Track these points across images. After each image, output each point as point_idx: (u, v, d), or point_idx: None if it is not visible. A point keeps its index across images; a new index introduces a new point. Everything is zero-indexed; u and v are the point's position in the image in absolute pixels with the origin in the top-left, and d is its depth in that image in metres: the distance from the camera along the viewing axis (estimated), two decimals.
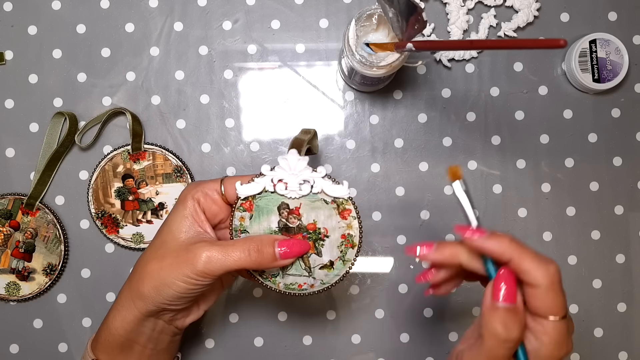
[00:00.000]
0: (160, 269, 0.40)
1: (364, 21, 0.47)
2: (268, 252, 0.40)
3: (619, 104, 0.57)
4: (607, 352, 0.57)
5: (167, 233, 0.42)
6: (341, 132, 0.57)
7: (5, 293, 0.56)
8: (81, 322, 0.57)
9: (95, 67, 0.57)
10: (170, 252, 0.41)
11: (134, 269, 0.43)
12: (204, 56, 0.57)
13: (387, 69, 0.47)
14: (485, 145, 0.57)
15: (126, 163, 0.56)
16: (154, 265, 0.41)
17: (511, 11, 0.57)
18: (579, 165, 0.57)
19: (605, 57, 0.55)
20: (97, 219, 0.56)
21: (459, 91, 0.57)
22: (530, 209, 0.57)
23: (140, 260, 0.42)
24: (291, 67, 0.57)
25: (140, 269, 0.42)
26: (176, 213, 0.42)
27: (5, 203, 0.56)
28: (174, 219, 0.42)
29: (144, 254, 0.43)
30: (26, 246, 0.56)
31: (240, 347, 0.57)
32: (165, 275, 0.40)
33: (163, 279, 0.40)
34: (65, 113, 0.55)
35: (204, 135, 0.57)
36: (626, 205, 0.57)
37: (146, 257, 0.42)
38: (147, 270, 0.41)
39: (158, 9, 0.57)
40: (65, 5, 0.57)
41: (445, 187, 0.57)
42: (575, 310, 0.57)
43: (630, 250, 0.57)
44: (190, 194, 0.42)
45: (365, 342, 0.57)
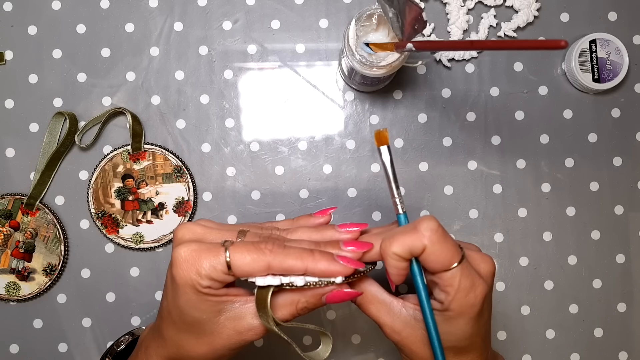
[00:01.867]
0: (215, 351, 0.39)
1: (364, 21, 0.47)
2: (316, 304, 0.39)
3: (619, 104, 0.57)
4: (607, 352, 0.57)
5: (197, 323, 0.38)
6: (341, 132, 0.57)
7: (5, 293, 0.56)
8: (81, 322, 0.57)
9: (95, 67, 0.57)
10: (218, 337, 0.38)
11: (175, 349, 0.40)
12: (204, 56, 0.57)
13: (387, 69, 0.47)
14: (485, 145, 0.57)
15: (126, 163, 0.56)
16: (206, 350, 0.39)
17: (511, 11, 0.57)
18: (579, 165, 0.57)
19: (605, 57, 0.55)
20: (97, 219, 0.56)
21: (459, 91, 0.57)
22: (530, 209, 0.57)
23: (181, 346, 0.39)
24: (291, 67, 0.57)
25: (188, 353, 0.39)
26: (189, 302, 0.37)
27: (5, 203, 0.56)
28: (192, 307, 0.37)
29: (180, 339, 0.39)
30: (26, 246, 0.56)
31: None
32: (222, 354, 0.39)
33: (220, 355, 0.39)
34: (65, 113, 0.55)
35: (204, 135, 0.57)
36: (626, 205, 0.57)
37: (189, 344, 0.39)
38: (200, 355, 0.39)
39: (158, 9, 0.57)
40: (65, 5, 0.57)
41: (445, 187, 0.57)
42: (575, 311, 0.57)
43: (630, 250, 0.57)
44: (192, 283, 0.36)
45: (365, 342, 0.57)
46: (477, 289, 0.37)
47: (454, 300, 0.37)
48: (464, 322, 0.37)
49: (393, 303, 0.40)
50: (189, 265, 0.36)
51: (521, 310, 0.57)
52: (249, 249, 0.36)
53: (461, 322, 0.37)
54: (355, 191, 0.57)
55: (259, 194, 0.57)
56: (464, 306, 0.37)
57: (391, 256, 0.36)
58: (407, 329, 0.39)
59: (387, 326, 0.40)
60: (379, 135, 0.39)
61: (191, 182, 0.56)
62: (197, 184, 0.56)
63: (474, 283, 0.37)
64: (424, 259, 0.36)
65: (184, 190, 0.56)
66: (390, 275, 0.38)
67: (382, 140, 0.39)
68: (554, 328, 0.57)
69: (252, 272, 0.36)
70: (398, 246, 0.36)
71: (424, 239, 0.35)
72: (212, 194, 0.57)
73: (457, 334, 0.38)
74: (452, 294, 0.36)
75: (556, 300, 0.57)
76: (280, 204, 0.57)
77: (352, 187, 0.57)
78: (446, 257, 0.36)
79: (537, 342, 0.57)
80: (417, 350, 0.39)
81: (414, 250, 0.36)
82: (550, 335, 0.57)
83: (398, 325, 0.39)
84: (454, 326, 0.38)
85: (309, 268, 0.36)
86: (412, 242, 0.36)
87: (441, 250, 0.36)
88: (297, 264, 0.36)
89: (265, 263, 0.36)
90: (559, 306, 0.57)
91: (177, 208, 0.56)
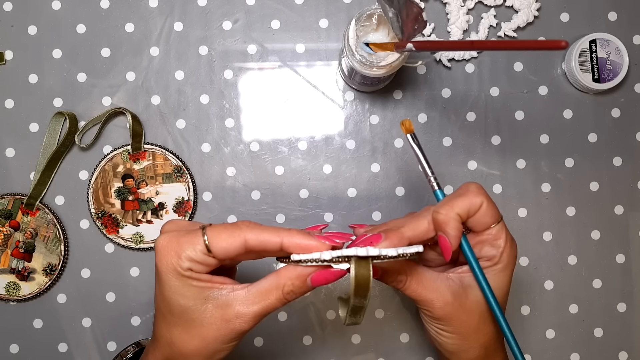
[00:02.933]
0: (208, 344, 0.38)
1: (364, 21, 0.47)
2: (302, 287, 0.38)
3: (619, 104, 0.57)
4: (607, 352, 0.57)
5: (185, 312, 0.38)
6: (341, 132, 0.57)
7: (5, 293, 0.56)
8: (81, 322, 0.57)
9: (95, 67, 0.57)
10: (208, 327, 0.38)
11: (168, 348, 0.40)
12: (204, 56, 0.57)
13: (387, 69, 0.47)
14: (485, 145, 0.57)
15: (126, 163, 0.56)
16: (198, 344, 0.38)
17: (511, 11, 0.57)
18: (579, 165, 0.57)
19: (605, 57, 0.55)
20: (97, 219, 0.56)
21: (459, 91, 0.57)
22: (530, 209, 0.57)
23: (173, 343, 0.39)
24: (291, 67, 0.57)
25: (181, 348, 0.39)
26: (174, 289, 0.37)
27: (5, 203, 0.56)
28: (178, 295, 0.38)
29: (172, 334, 0.39)
30: (26, 246, 0.56)
31: (240, 347, 0.56)
32: (214, 348, 0.39)
33: (213, 350, 0.39)
34: (65, 113, 0.55)
35: (204, 135, 0.57)
36: (626, 205, 0.57)
37: (181, 339, 0.39)
38: (193, 351, 0.39)
39: (158, 9, 0.57)
40: (65, 5, 0.57)
41: (445, 187, 0.57)
42: (575, 311, 0.57)
43: (630, 250, 0.57)
44: (174, 266, 0.37)
45: (365, 342, 0.57)
46: (514, 243, 0.42)
47: (505, 250, 0.40)
48: (507, 275, 0.41)
49: (441, 277, 0.41)
50: (168, 250, 0.37)
51: (521, 310, 0.57)
52: (225, 226, 0.37)
53: (506, 275, 0.41)
54: (355, 191, 0.57)
55: (259, 194, 0.57)
56: (511, 256, 0.41)
57: (454, 218, 0.39)
58: (458, 299, 0.41)
59: (439, 300, 0.40)
60: (403, 125, 0.43)
61: (191, 182, 0.56)
62: (197, 184, 0.56)
63: (512, 239, 0.42)
64: (481, 215, 0.40)
65: (184, 190, 0.56)
66: (451, 239, 0.39)
67: (408, 128, 0.43)
68: (554, 328, 0.57)
69: (230, 248, 0.37)
70: (460, 207, 0.39)
71: (481, 196, 0.40)
72: (212, 194, 0.57)
73: (503, 287, 0.41)
74: (502, 245, 0.40)
75: (556, 300, 0.57)
76: (280, 204, 0.57)
77: (352, 187, 0.57)
78: (495, 211, 0.40)
79: (537, 342, 0.57)
80: (468, 319, 0.41)
81: (473, 208, 0.39)
82: (550, 335, 0.57)
83: (449, 296, 0.40)
84: (502, 279, 0.41)
85: (284, 241, 0.37)
86: (471, 201, 0.39)
87: (492, 206, 0.40)
88: (273, 237, 0.37)
89: (241, 238, 0.37)
90: (559, 306, 0.57)
91: (177, 208, 0.56)
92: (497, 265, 0.41)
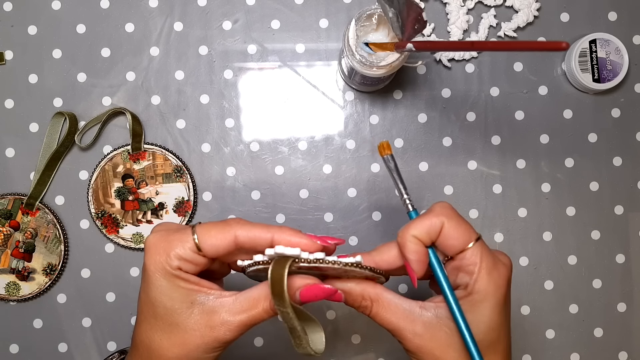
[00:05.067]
0: (189, 352, 0.37)
1: (364, 21, 0.47)
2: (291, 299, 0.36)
3: (619, 104, 0.57)
4: (607, 352, 0.57)
5: (170, 315, 0.37)
6: (341, 132, 0.57)
7: (5, 293, 0.56)
8: (81, 322, 0.57)
9: (95, 67, 0.57)
10: (191, 334, 0.36)
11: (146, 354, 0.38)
12: (204, 56, 0.57)
13: (387, 69, 0.47)
14: (485, 145, 0.57)
15: (126, 163, 0.56)
16: (178, 352, 0.37)
17: (511, 11, 0.57)
18: (579, 165, 0.57)
19: (605, 57, 0.55)
20: (97, 219, 0.56)
21: (459, 91, 0.57)
22: (530, 209, 0.57)
23: (152, 350, 0.37)
24: (291, 67, 0.57)
25: (159, 355, 0.37)
26: (160, 289, 0.36)
27: (5, 203, 0.56)
28: (165, 296, 0.36)
29: (152, 340, 0.37)
30: (26, 246, 0.56)
31: (240, 347, 0.57)
32: (195, 357, 0.37)
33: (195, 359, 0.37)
34: (65, 113, 0.55)
35: (204, 135, 0.57)
36: (626, 205, 0.57)
37: (161, 346, 0.37)
38: (173, 358, 0.37)
39: (158, 9, 0.57)
40: (65, 5, 0.57)
41: (445, 187, 0.57)
42: (575, 311, 0.57)
43: (630, 250, 0.57)
44: (162, 265, 0.36)
45: (365, 342, 0.57)
46: (500, 269, 0.36)
47: (479, 279, 0.36)
48: (490, 307, 0.36)
49: (412, 305, 0.38)
50: (157, 249, 0.36)
51: (521, 310, 0.57)
52: (215, 224, 0.37)
53: (488, 307, 0.36)
54: (355, 191, 0.57)
55: (259, 194, 0.57)
56: (489, 286, 0.36)
57: (410, 240, 0.36)
58: (430, 331, 0.37)
59: (408, 331, 0.37)
60: (381, 147, 0.41)
61: (191, 182, 0.56)
62: (197, 184, 0.56)
63: (495, 264, 0.36)
64: (443, 240, 0.36)
65: (184, 190, 0.56)
66: (411, 263, 0.37)
67: (385, 149, 0.41)
68: (554, 328, 0.57)
69: (220, 245, 0.36)
70: (416, 228, 0.36)
71: (441, 216, 0.36)
72: (212, 194, 0.57)
73: (485, 322, 0.36)
74: (475, 271, 0.36)
75: (556, 300, 0.57)
76: (280, 204, 0.57)
77: (352, 187, 0.57)
78: (464, 232, 0.36)
79: (537, 342, 0.57)
80: (442, 354, 0.37)
81: (432, 229, 0.36)
82: (550, 335, 0.57)
83: (419, 327, 0.37)
84: (481, 313, 0.36)
85: (275, 237, 0.36)
86: (430, 221, 0.36)
87: (458, 226, 0.36)
88: (264, 233, 0.36)
89: (231, 235, 0.36)
90: (559, 306, 0.57)
91: (177, 208, 0.56)
92: (472, 295, 0.36)
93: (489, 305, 0.36)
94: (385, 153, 0.41)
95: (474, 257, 0.36)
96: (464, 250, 0.36)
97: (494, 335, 0.37)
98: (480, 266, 0.36)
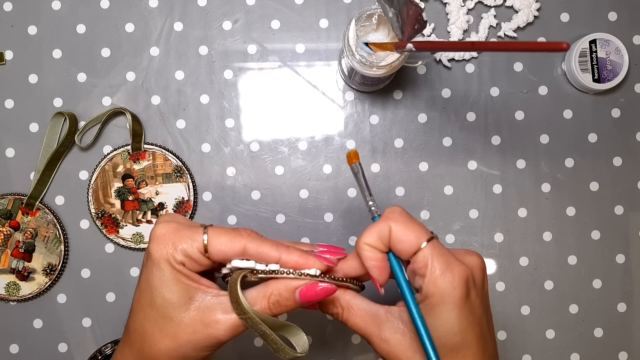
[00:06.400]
0: (179, 347, 0.37)
1: (364, 21, 0.47)
2: (289, 299, 0.38)
3: (619, 104, 0.57)
4: (607, 352, 0.57)
5: (166, 307, 0.37)
6: (341, 132, 0.57)
7: (5, 293, 0.56)
8: (81, 322, 0.57)
9: (95, 67, 0.57)
10: (184, 329, 0.37)
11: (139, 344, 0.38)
12: (204, 56, 0.57)
13: (387, 69, 0.47)
14: (485, 145, 0.57)
15: (126, 163, 0.56)
16: (169, 344, 0.37)
17: (511, 11, 0.57)
18: (579, 165, 0.57)
19: (605, 57, 0.55)
20: (97, 219, 0.56)
21: (459, 91, 0.57)
22: (530, 209, 0.57)
23: (144, 339, 0.38)
24: (291, 67, 0.57)
25: (150, 346, 0.37)
26: (162, 279, 0.37)
27: (5, 203, 0.56)
28: (165, 286, 0.37)
29: (145, 330, 0.37)
30: (26, 246, 0.56)
31: (240, 347, 0.57)
32: (184, 353, 0.37)
33: (184, 356, 0.37)
34: (65, 113, 0.55)
35: (204, 135, 0.57)
36: (626, 205, 0.57)
37: (153, 336, 0.37)
38: (162, 351, 0.37)
39: (158, 9, 0.57)
40: (65, 5, 0.57)
41: (445, 187, 0.57)
42: (575, 311, 0.57)
43: (630, 250, 0.57)
44: (167, 256, 0.37)
45: (365, 342, 0.56)
46: (454, 269, 0.35)
47: (430, 281, 0.35)
48: (447, 310, 0.35)
49: (379, 311, 0.39)
50: (166, 239, 0.37)
51: (521, 310, 0.57)
52: (227, 230, 0.37)
53: (445, 310, 0.35)
54: (355, 191, 0.57)
55: (259, 194, 0.57)
56: (442, 288, 0.35)
57: (363, 247, 0.37)
58: (395, 335, 0.37)
59: (375, 336, 0.38)
60: (349, 156, 0.41)
61: (191, 182, 0.56)
62: (197, 184, 0.56)
63: (449, 264, 0.35)
64: (394, 244, 0.36)
65: (184, 190, 0.56)
66: (370, 270, 0.37)
67: (352, 159, 0.41)
68: (554, 328, 0.57)
69: (228, 253, 0.37)
70: (367, 236, 0.37)
71: (388, 220, 0.36)
72: (212, 194, 0.57)
73: (443, 325, 0.35)
74: (427, 274, 0.35)
75: (556, 300, 0.57)
76: (280, 204, 0.57)
77: (352, 187, 0.57)
78: (412, 234, 0.36)
79: (537, 342, 0.57)
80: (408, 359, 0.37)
81: (382, 234, 0.36)
82: (550, 335, 0.57)
83: (386, 332, 0.38)
84: (439, 316, 0.35)
85: (283, 257, 0.37)
86: (378, 227, 0.36)
87: (406, 228, 0.36)
88: (272, 252, 0.37)
89: (241, 245, 0.37)
90: (559, 306, 0.57)
91: (177, 208, 0.56)
92: (428, 299, 0.35)
93: (445, 308, 0.35)
94: (353, 162, 0.41)
95: (425, 259, 0.35)
96: (417, 252, 0.36)
97: (457, 340, 0.35)
98: (430, 267, 0.35)
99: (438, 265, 0.35)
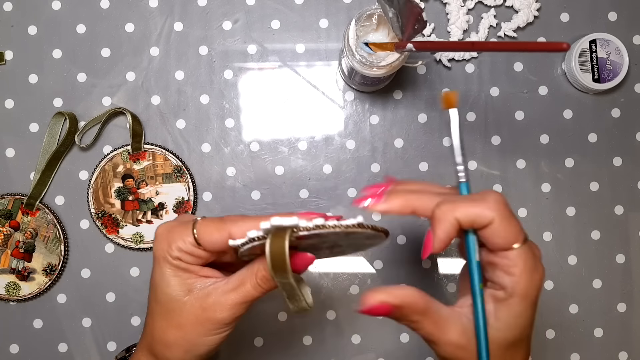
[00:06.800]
0: (185, 334, 0.38)
1: (364, 21, 0.47)
2: None
3: (619, 104, 0.57)
4: (607, 352, 0.57)
5: (168, 301, 0.39)
6: (341, 132, 0.57)
7: (5, 293, 0.56)
8: (81, 322, 0.57)
9: (95, 67, 0.57)
10: (186, 317, 0.38)
11: (150, 337, 0.40)
12: (204, 56, 0.57)
13: (387, 69, 0.47)
14: (485, 145, 0.57)
15: (126, 163, 0.56)
16: (176, 334, 0.39)
17: (511, 11, 0.57)
18: (579, 165, 0.57)
19: (605, 57, 0.55)
20: (97, 219, 0.56)
21: (459, 91, 0.57)
22: (530, 209, 0.57)
23: (154, 333, 0.40)
24: (291, 67, 0.57)
25: (160, 338, 0.39)
26: (162, 276, 0.39)
27: (5, 203, 0.56)
28: (164, 282, 0.39)
29: (154, 324, 0.40)
30: (26, 246, 0.56)
31: (240, 347, 0.57)
32: (192, 339, 0.39)
33: (192, 342, 0.39)
34: (65, 113, 0.55)
35: (204, 135, 0.57)
36: (626, 205, 0.57)
37: (161, 329, 0.39)
38: (171, 341, 0.39)
39: (158, 9, 0.57)
40: (65, 5, 0.57)
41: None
42: (575, 311, 0.57)
43: (630, 250, 0.57)
44: (164, 254, 0.38)
45: (365, 342, 0.57)
46: (539, 270, 0.35)
47: (520, 282, 0.34)
48: (525, 307, 0.35)
49: (453, 312, 0.36)
50: (162, 238, 0.39)
51: None
52: (213, 220, 0.38)
53: (524, 307, 0.35)
54: (355, 191, 0.57)
55: (259, 194, 0.57)
56: (529, 289, 0.34)
57: (450, 221, 0.34)
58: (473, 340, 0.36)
59: (452, 344, 0.35)
60: (447, 98, 0.36)
61: (191, 182, 0.56)
62: (197, 184, 0.56)
63: (536, 265, 0.35)
64: (490, 234, 0.34)
65: (184, 190, 0.56)
66: (436, 241, 0.34)
67: (450, 102, 0.37)
68: (554, 328, 0.57)
69: (218, 240, 0.37)
70: (463, 213, 0.34)
71: (494, 211, 0.33)
72: (212, 194, 0.57)
73: (521, 322, 0.35)
74: (517, 274, 0.34)
75: (556, 300, 0.57)
76: (280, 204, 0.57)
77: (352, 187, 0.57)
78: (513, 232, 0.34)
79: (537, 342, 0.57)
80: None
81: (479, 220, 0.34)
82: (550, 335, 0.57)
83: (464, 339, 0.35)
84: (517, 311, 0.35)
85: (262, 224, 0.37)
86: (480, 212, 0.34)
87: (509, 224, 0.34)
88: (255, 223, 0.37)
89: (226, 232, 0.38)
90: (559, 306, 0.57)
91: (177, 208, 0.56)
92: (513, 297, 0.35)
93: (525, 305, 0.35)
94: (450, 106, 0.36)
95: (518, 259, 0.34)
96: (508, 250, 0.34)
97: (526, 333, 0.37)
98: (523, 269, 0.34)
99: (530, 267, 0.34)
